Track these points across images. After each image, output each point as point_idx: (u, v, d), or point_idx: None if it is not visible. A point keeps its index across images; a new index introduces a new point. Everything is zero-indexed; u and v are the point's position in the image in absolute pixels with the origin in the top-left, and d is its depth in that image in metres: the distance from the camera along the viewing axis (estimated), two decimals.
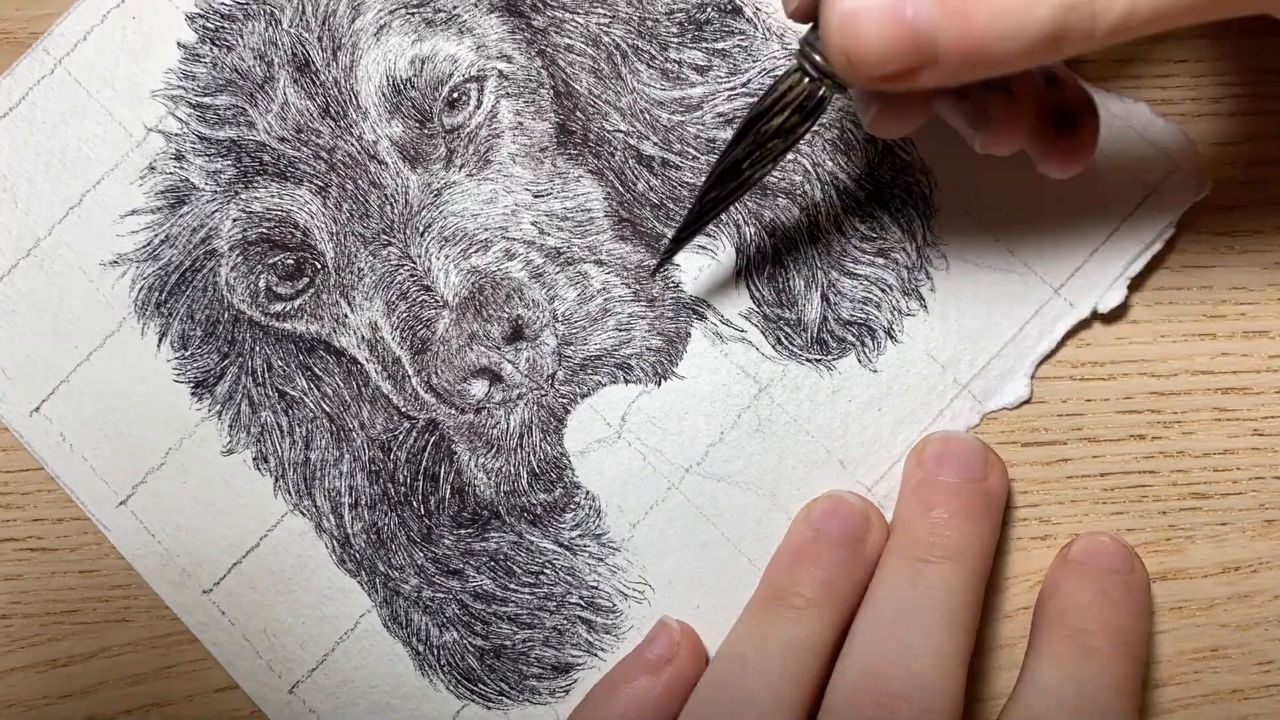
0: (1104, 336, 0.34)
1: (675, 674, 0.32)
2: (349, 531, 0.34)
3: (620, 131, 0.35)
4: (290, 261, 0.35)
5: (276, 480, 0.35)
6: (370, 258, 0.34)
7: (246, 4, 0.35)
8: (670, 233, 0.34)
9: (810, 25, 0.28)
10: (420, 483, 0.34)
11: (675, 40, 0.35)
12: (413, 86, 0.35)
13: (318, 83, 0.35)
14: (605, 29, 0.35)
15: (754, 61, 0.35)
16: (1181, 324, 0.34)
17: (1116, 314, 0.34)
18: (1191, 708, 0.34)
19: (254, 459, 0.35)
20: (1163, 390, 0.34)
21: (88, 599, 0.35)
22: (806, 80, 0.28)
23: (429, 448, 0.34)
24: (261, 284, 0.35)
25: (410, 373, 0.34)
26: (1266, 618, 0.34)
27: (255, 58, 0.35)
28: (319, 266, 0.35)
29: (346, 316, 0.35)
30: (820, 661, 0.31)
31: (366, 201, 0.35)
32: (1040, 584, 0.34)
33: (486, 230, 0.34)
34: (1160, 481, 0.34)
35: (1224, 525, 0.34)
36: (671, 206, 0.35)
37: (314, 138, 0.35)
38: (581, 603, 0.34)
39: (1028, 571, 0.34)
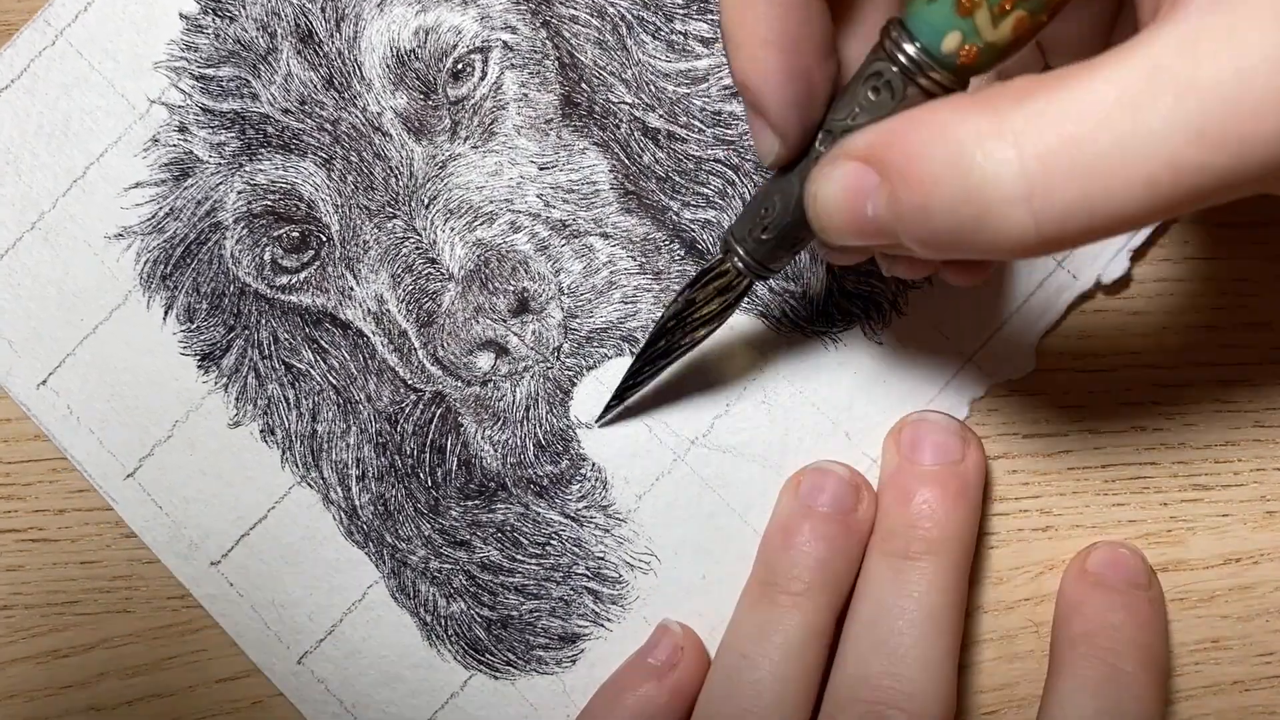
0: (1106, 328, 0.34)
1: (681, 679, 0.32)
2: (356, 503, 0.34)
3: (626, 103, 0.35)
4: (295, 234, 0.35)
5: (284, 452, 0.35)
6: (375, 230, 0.34)
7: None
8: (674, 204, 0.34)
9: (740, 217, 0.29)
10: (427, 455, 0.34)
11: (680, 12, 0.35)
12: (417, 58, 0.35)
13: (321, 54, 0.35)
14: (610, 0, 0.35)
15: None
16: (1183, 316, 0.34)
17: (1119, 286, 0.34)
18: (1193, 699, 0.34)
19: (261, 431, 0.35)
20: (1164, 382, 0.34)
21: (89, 590, 0.35)
22: (732, 272, 0.29)
23: (435, 420, 0.34)
24: (267, 257, 0.35)
25: (416, 345, 0.34)
26: (1268, 609, 0.34)
27: (258, 29, 0.35)
28: (324, 239, 0.35)
29: (352, 289, 0.35)
30: (821, 646, 0.31)
31: (371, 174, 0.34)
32: (1042, 574, 0.34)
33: (492, 203, 0.34)
34: (1161, 473, 0.34)
35: (1225, 517, 0.34)
36: (677, 179, 0.35)
37: (318, 109, 0.35)
38: (588, 573, 0.34)
39: (1029, 563, 0.34)
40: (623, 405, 0.33)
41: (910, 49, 0.24)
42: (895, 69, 0.24)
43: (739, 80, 0.26)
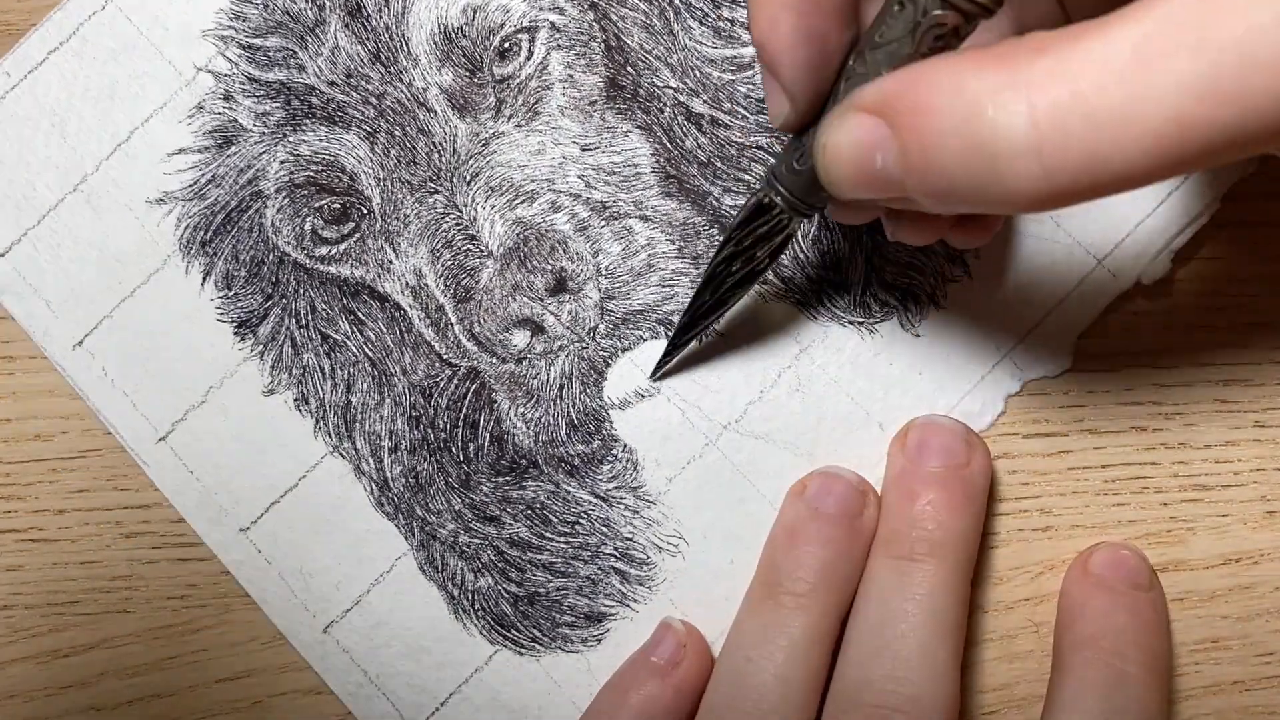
0: (1106, 328, 0.34)
1: (684, 677, 0.32)
2: (388, 475, 0.35)
3: (670, 88, 0.35)
4: (336, 206, 0.35)
5: (317, 422, 0.35)
6: (416, 205, 0.35)
7: None
8: (715, 189, 0.34)
9: (783, 153, 0.29)
10: (460, 430, 0.35)
11: None
12: (464, 35, 0.35)
13: (369, 28, 0.35)
14: None
15: None
16: (1183, 315, 0.34)
17: (1159, 287, 0.34)
18: (1193, 699, 0.34)
19: (295, 400, 0.35)
20: (1164, 382, 0.34)
21: (89, 590, 0.35)
22: (775, 211, 0.29)
23: (469, 395, 0.35)
24: (307, 227, 0.35)
25: (453, 320, 0.34)
26: (1268, 609, 0.34)
27: (307, 1, 0.35)
28: (365, 211, 0.35)
29: (391, 262, 0.35)
30: (824, 650, 0.31)
31: (414, 148, 0.35)
32: (1042, 574, 0.34)
33: (533, 182, 0.34)
34: (1161, 473, 0.34)
35: (1225, 517, 0.34)
36: (719, 165, 0.35)
37: (363, 83, 0.35)
38: (616, 554, 0.34)
39: (1029, 563, 0.34)
40: (675, 359, 0.34)
41: None
42: None
43: (756, 40, 0.27)
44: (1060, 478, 0.34)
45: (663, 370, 0.34)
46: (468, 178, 0.34)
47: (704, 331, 0.33)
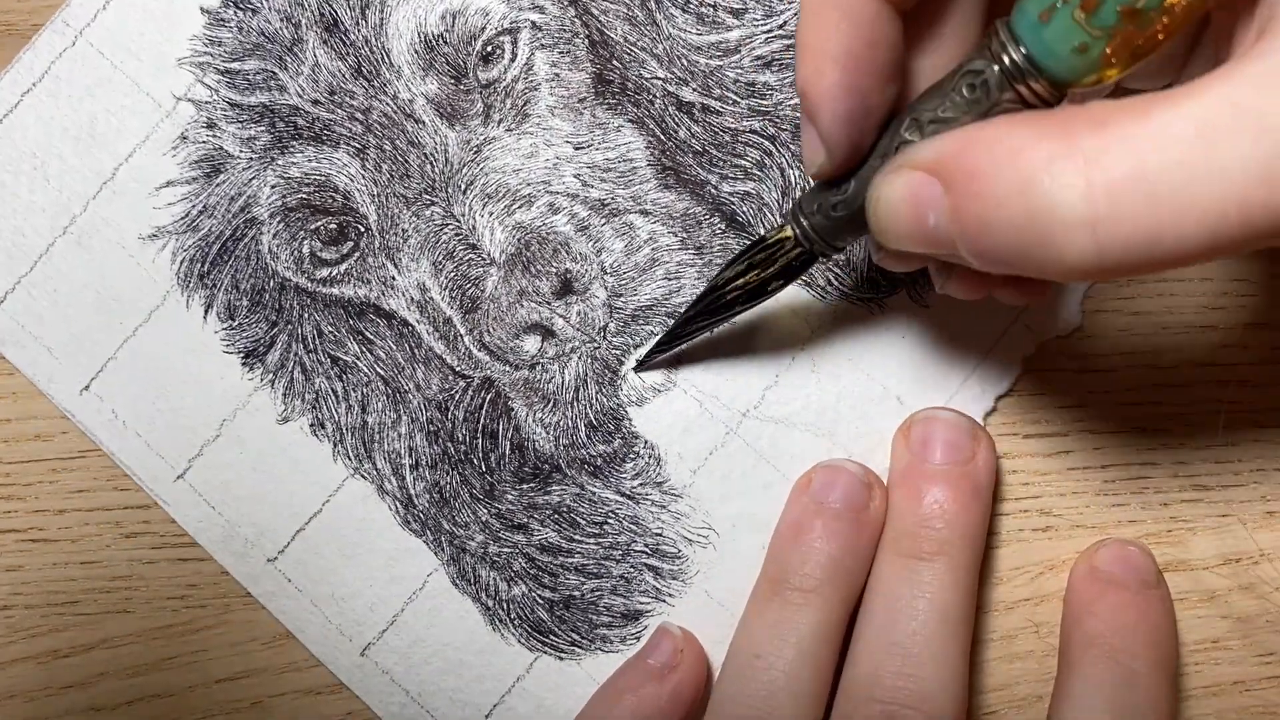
0: (1106, 328, 0.34)
1: (680, 681, 0.32)
2: (411, 492, 0.34)
3: (658, 78, 0.35)
4: (333, 226, 0.35)
5: (335, 445, 0.34)
6: (414, 218, 0.34)
7: None
8: (712, 177, 0.34)
9: (809, 194, 0.29)
10: (479, 440, 0.34)
11: None
12: (445, 42, 0.34)
13: (348, 42, 0.34)
14: None
15: (789, 2, 0.34)
16: (1182, 316, 0.34)
17: None
18: (1192, 699, 0.34)
19: (311, 425, 0.35)
20: (1164, 382, 0.34)
21: (89, 590, 0.35)
22: (793, 246, 0.29)
23: (486, 405, 0.34)
24: (305, 250, 0.35)
25: (462, 332, 0.34)
26: (1267, 609, 0.34)
27: (282, 20, 0.35)
28: (362, 230, 0.34)
29: (394, 279, 0.34)
30: (832, 646, 0.31)
31: (406, 161, 0.34)
32: (1042, 574, 0.34)
33: (529, 185, 0.34)
34: (1162, 473, 0.34)
35: (1225, 517, 0.34)
36: (714, 152, 0.34)
37: (348, 99, 0.34)
38: (647, 550, 0.34)
39: (1029, 563, 0.34)
40: (660, 359, 0.34)
41: (1015, 54, 0.24)
42: (996, 70, 0.24)
43: (799, 87, 0.26)
44: (1060, 478, 0.34)
45: (645, 367, 0.34)
46: (463, 186, 0.34)
47: (691, 339, 0.33)
